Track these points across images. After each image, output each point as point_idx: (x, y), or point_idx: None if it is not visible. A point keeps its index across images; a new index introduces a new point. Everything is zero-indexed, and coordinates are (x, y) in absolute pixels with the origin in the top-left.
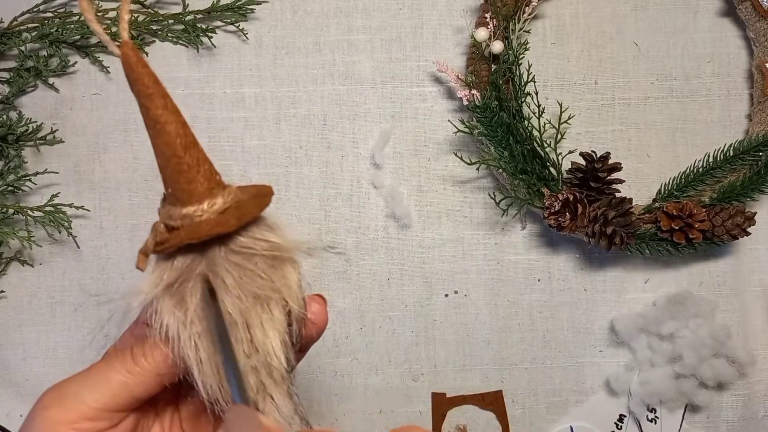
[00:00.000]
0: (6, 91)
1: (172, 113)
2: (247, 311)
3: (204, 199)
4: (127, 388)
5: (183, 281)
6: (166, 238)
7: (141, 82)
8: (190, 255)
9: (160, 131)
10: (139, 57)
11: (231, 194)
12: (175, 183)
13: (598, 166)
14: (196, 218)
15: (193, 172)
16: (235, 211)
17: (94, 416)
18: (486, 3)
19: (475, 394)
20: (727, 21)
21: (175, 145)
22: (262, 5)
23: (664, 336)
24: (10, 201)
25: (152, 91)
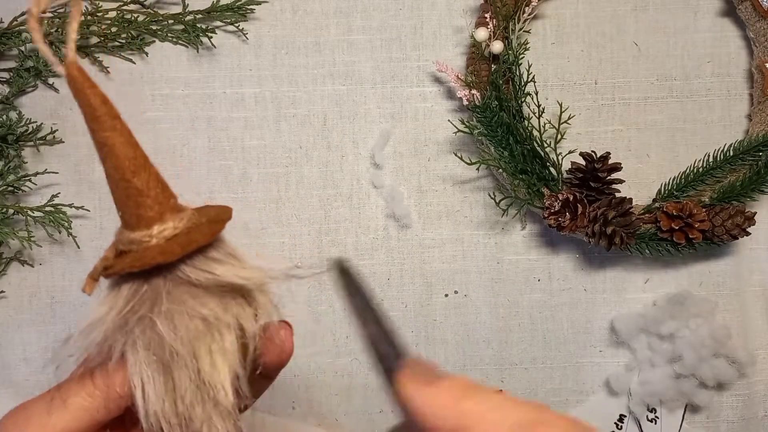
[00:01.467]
0: (6, 91)
1: (120, 135)
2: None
3: (153, 224)
4: (87, 412)
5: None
6: (112, 264)
7: (87, 104)
8: (137, 280)
9: (108, 154)
10: (87, 77)
11: (183, 219)
12: (124, 207)
13: (598, 166)
14: (143, 244)
15: (142, 196)
16: (182, 238)
17: None
18: (486, 3)
19: None
20: (727, 21)
21: (123, 168)
22: (262, 5)
23: (664, 336)
24: (10, 201)
25: (100, 113)
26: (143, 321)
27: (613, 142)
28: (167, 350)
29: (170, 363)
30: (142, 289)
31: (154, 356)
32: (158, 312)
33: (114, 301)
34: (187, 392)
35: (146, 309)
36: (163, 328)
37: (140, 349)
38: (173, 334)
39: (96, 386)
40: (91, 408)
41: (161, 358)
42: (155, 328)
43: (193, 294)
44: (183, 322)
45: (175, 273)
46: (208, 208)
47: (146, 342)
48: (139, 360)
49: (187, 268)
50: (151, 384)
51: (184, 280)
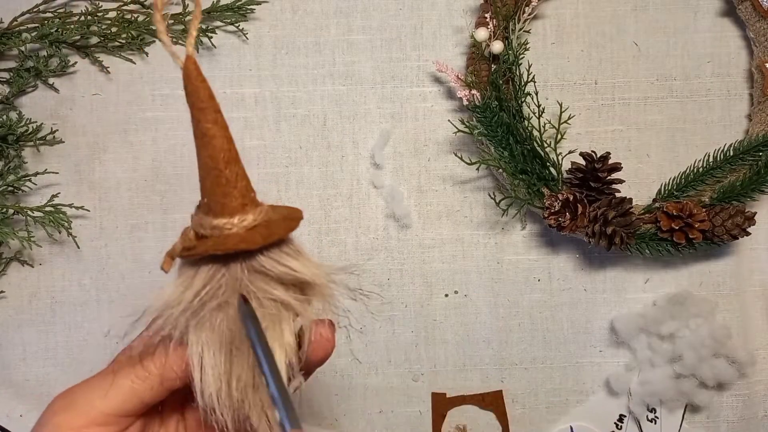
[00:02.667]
0: (6, 91)
1: (220, 128)
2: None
3: (236, 214)
4: (136, 394)
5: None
6: (194, 245)
7: (197, 96)
8: (213, 265)
9: (206, 144)
10: (199, 71)
11: (262, 213)
12: (212, 194)
13: (598, 166)
14: (225, 230)
15: (230, 186)
16: (262, 229)
17: (103, 421)
18: (486, 3)
19: (475, 394)
20: (727, 21)
21: (218, 158)
22: (262, 5)
23: (664, 336)
24: (10, 201)
25: (206, 105)
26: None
27: (613, 142)
28: (234, 334)
29: (232, 346)
30: (217, 274)
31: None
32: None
33: (190, 282)
34: (243, 376)
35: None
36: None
37: (206, 328)
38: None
39: (147, 369)
40: (140, 390)
41: (225, 339)
42: (225, 311)
43: (265, 284)
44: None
45: (250, 262)
46: (280, 207)
47: (213, 322)
48: (202, 340)
49: (263, 259)
50: (210, 363)
51: (258, 270)
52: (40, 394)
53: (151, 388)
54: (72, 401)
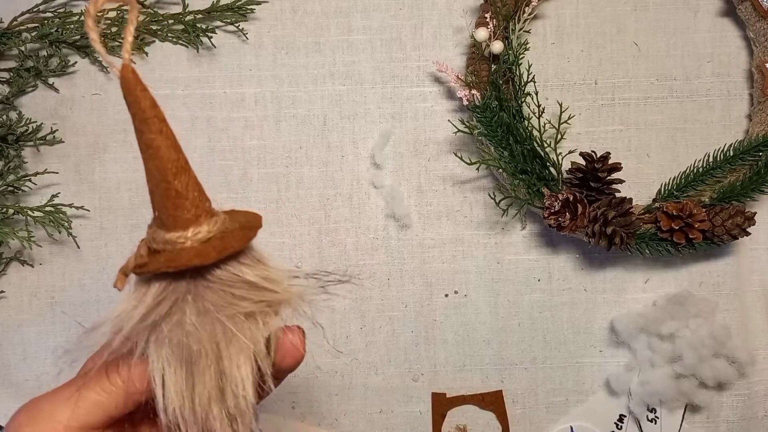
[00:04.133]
0: (6, 91)
1: (165, 138)
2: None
3: (189, 226)
4: (101, 407)
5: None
6: (146, 262)
7: (138, 106)
8: (168, 279)
9: (152, 155)
10: (139, 80)
11: (217, 223)
12: (162, 207)
13: (598, 166)
14: (178, 245)
15: (180, 198)
16: (217, 242)
17: None
18: (486, 3)
19: (475, 394)
20: (727, 21)
21: (166, 170)
22: (262, 5)
23: (664, 336)
24: (10, 201)
25: (148, 115)
26: (171, 319)
27: (613, 142)
28: (193, 348)
29: (193, 361)
30: (170, 288)
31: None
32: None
33: (142, 298)
34: (207, 391)
35: (174, 308)
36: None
37: (165, 345)
38: (201, 333)
39: (112, 382)
40: (105, 403)
41: (185, 355)
42: (183, 327)
43: (222, 296)
44: (210, 323)
45: (205, 275)
46: (238, 213)
47: (172, 339)
48: (162, 356)
49: (218, 271)
50: (172, 380)
51: (214, 282)
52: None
53: (117, 402)
54: (36, 414)
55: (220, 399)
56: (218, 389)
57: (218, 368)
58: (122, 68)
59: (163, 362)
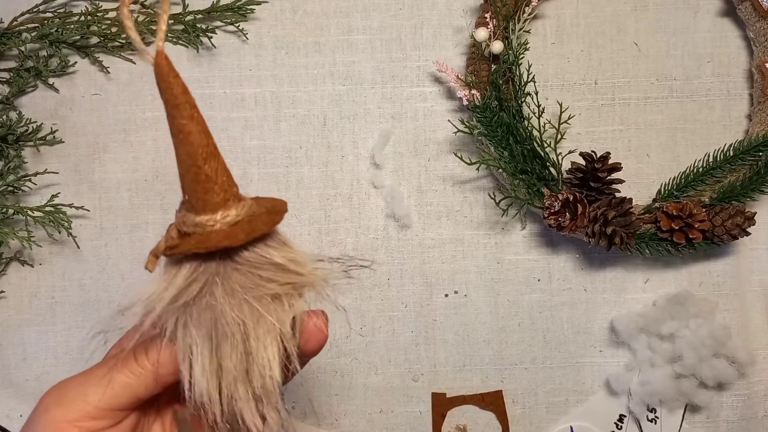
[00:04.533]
0: (6, 91)
1: (197, 124)
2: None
3: (218, 210)
4: (130, 388)
5: (188, 287)
6: (177, 244)
7: (170, 92)
8: (197, 261)
9: (183, 140)
10: (171, 67)
11: (245, 207)
12: (192, 191)
13: (598, 166)
14: (208, 227)
15: (210, 182)
16: (245, 225)
17: (97, 415)
18: (486, 3)
19: (475, 394)
20: (727, 21)
21: (197, 155)
22: (262, 5)
23: (664, 336)
24: (10, 201)
25: (180, 101)
26: (200, 301)
27: (613, 142)
28: (220, 329)
29: (220, 342)
30: (200, 270)
31: (205, 334)
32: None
33: (172, 279)
34: (233, 371)
35: (204, 289)
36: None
37: (193, 327)
38: (228, 314)
39: (141, 364)
40: (134, 385)
41: (212, 336)
42: (211, 308)
43: (249, 278)
44: (238, 304)
45: (233, 257)
46: (264, 199)
47: (200, 320)
48: (189, 337)
49: (246, 253)
50: (199, 361)
51: (242, 264)
52: (40, 394)
53: (145, 384)
54: (65, 395)
55: (246, 380)
56: (244, 370)
57: (245, 349)
58: (156, 55)
59: (190, 343)
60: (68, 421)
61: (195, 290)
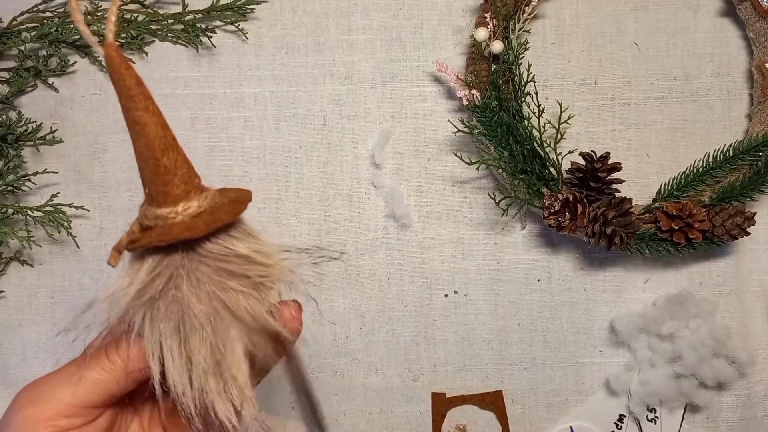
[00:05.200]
0: (6, 90)
1: (152, 115)
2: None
3: (179, 202)
4: (102, 385)
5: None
6: (138, 238)
7: (123, 84)
8: (160, 255)
9: (139, 132)
10: (123, 58)
11: (207, 198)
12: (152, 184)
13: (598, 166)
14: (169, 220)
15: (170, 174)
16: (207, 216)
17: (70, 413)
18: (486, 3)
19: (475, 394)
20: (727, 21)
21: (154, 146)
22: (261, 5)
23: (664, 336)
24: (9, 201)
25: (134, 93)
26: (166, 294)
27: (613, 142)
28: (187, 322)
29: (188, 335)
30: (164, 263)
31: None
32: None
33: (135, 274)
34: (203, 364)
35: (169, 283)
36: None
37: (160, 321)
38: (195, 307)
39: (112, 361)
40: (106, 381)
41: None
42: (177, 301)
43: (214, 270)
44: (206, 296)
45: (197, 249)
46: (228, 190)
47: (167, 314)
48: (157, 332)
49: (209, 245)
50: (168, 355)
51: (206, 256)
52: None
53: (117, 380)
54: (38, 394)
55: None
56: (214, 362)
57: (214, 341)
58: (106, 46)
59: (159, 337)
60: (42, 419)
61: (160, 284)
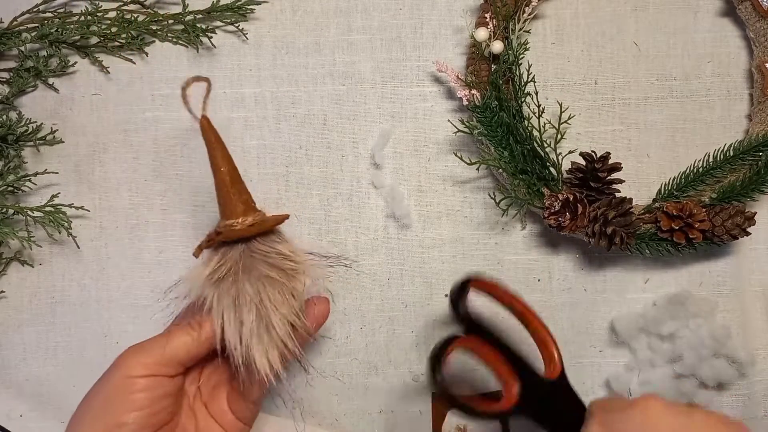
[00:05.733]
0: (6, 91)
1: (227, 161)
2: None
3: (240, 216)
4: (185, 346)
5: (218, 268)
6: (213, 238)
7: (210, 142)
8: (225, 250)
9: (217, 171)
10: (211, 126)
11: (259, 215)
12: (224, 204)
13: (598, 166)
14: (233, 227)
15: (235, 199)
16: (257, 225)
17: (162, 362)
18: (486, 3)
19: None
20: (727, 21)
21: (226, 181)
22: (262, 5)
23: (664, 336)
24: (10, 201)
25: (216, 146)
26: (228, 278)
27: (613, 142)
28: (241, 298)
29: (241, 307)
30: (228, 256)
31: (231, 303)
32: (238, 272)
33: (209, 263)
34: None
35: (230, 270)
36: (241, 283)
37: (223, 297)
38: (247, 287)
39: (192, 327)
40: (189, 342)
41: (236, 303)
42: (235, 283)
43: (260, 263)
44: (254, 280)
45: (250, 248)
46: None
47: (228, 293)
48: (221, 306)
49: (258, 245)
50: (227, 322)
51: (256, 252)
52: (40, 394)
53: (198, 343)
54: (141, 347)
55: (259, 335)
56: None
57: (259, 312)
58: (202, 118)
59: (222, 309)
60: (144, 364)
61: (224, 271)
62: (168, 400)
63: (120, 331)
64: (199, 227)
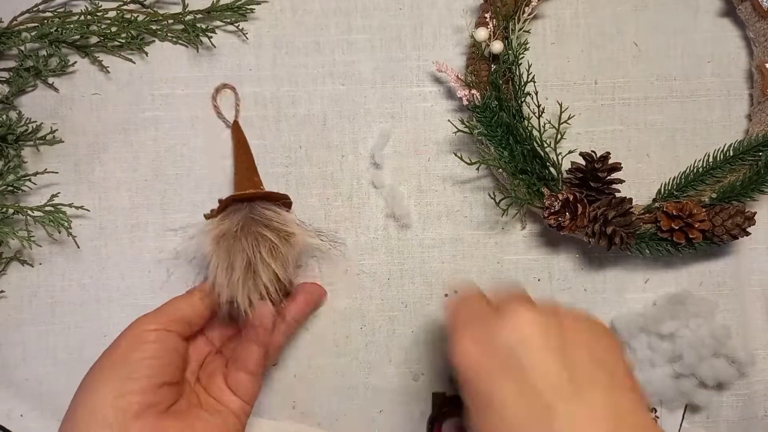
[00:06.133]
0: (6, 90)
1: (248, 154)
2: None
3: (249, 189)
4: (192, 307)
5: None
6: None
7: (239, 141)
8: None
9: (238, 161)
10: (241, 130)
11: (264, 190)
12: (238, 183)
13: (598, 166)
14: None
15: (248, 178)
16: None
17: (179, 320)
18: (486, 3)
19: None
20: (727, 21)
21: (244, 168)
22: (262, 5)
23: (664, 336)
24: (9, 201)
25: (241, 144)
26: (228, 235)
27: (613, 142)
28: (234, 250)
29: (234, 258)
30: (231, 216)
31: (227, 255)
32: (238, 230)
33: (215, 220)
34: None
35: (231, 228)
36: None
37: (221, 251)
38: (243, 242)
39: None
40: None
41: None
42: (234, 239)
43: (259, 225)
44: (250, 237)
45: (253, 212)
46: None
47: (225, 247)
48: (219, 256)
49: (260, 210)
50: (220, 270)
51: (256, 216)
52: (40, 394)
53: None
54: (151, 312)
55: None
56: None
57: (249, 261)
58: (233, 124)
59: (219, 260)
60: (159, 322)
61: (225, 228)
62: (177, 355)
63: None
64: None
